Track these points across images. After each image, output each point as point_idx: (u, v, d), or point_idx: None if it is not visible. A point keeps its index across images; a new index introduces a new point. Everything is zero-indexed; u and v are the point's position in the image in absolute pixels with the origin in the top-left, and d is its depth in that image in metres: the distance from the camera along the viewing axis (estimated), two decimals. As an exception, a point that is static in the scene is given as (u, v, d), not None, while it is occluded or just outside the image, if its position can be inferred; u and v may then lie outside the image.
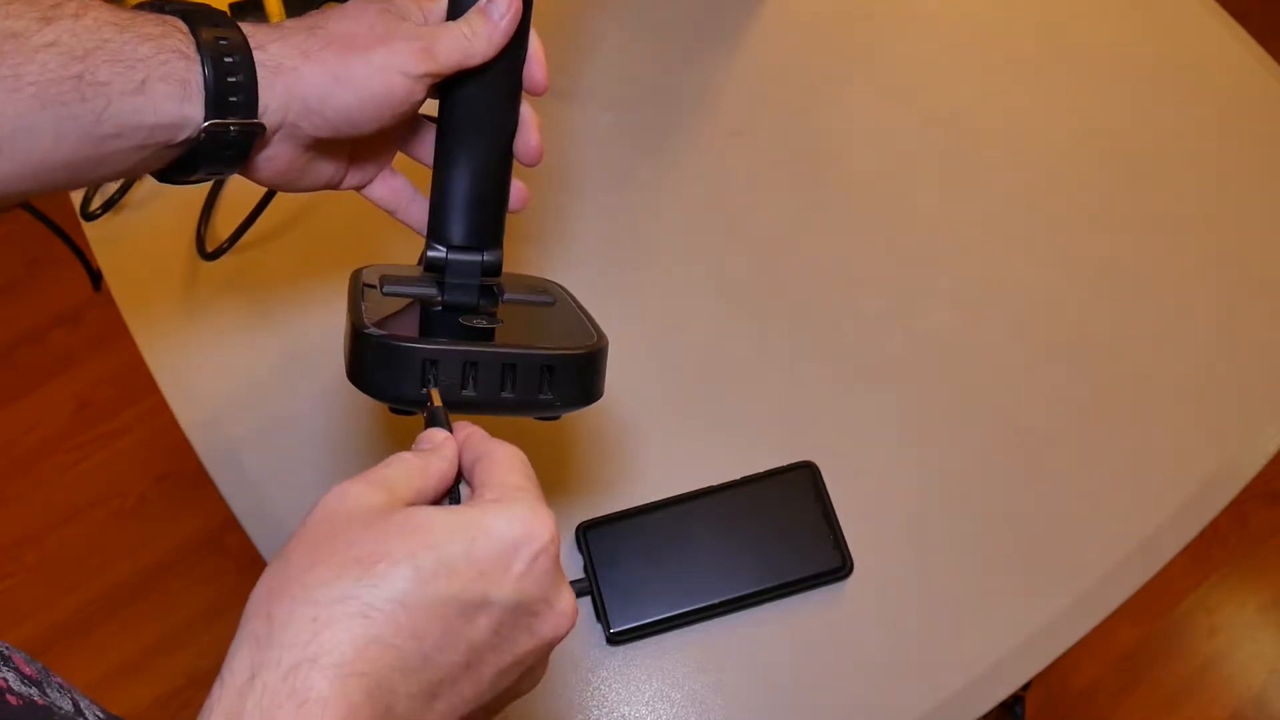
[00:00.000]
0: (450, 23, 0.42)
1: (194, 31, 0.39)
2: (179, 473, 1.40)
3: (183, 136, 0.39)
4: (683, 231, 0.71)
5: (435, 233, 0.47)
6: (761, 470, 0.62)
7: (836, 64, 0.78)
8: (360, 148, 0.47)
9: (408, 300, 0.45)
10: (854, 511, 0.61)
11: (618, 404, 0.65)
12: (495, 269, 0.47)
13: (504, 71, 0.43)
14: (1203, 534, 0.62)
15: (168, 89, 0.37)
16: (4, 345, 1.50)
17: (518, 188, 0.48)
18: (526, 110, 0.46)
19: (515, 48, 0.43)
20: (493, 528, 0.32)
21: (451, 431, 0.37)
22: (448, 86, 0.45)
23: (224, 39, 0.39)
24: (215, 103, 0.38)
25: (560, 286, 0.51)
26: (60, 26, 0.36)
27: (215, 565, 1.34)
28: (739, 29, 0.79)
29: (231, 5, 0.72)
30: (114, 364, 1.48)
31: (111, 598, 1.34)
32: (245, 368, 0.65)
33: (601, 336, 0.43)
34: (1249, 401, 0.66)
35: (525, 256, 0.69)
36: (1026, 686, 0.65)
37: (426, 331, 0.43)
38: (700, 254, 0.70)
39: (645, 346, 0.67)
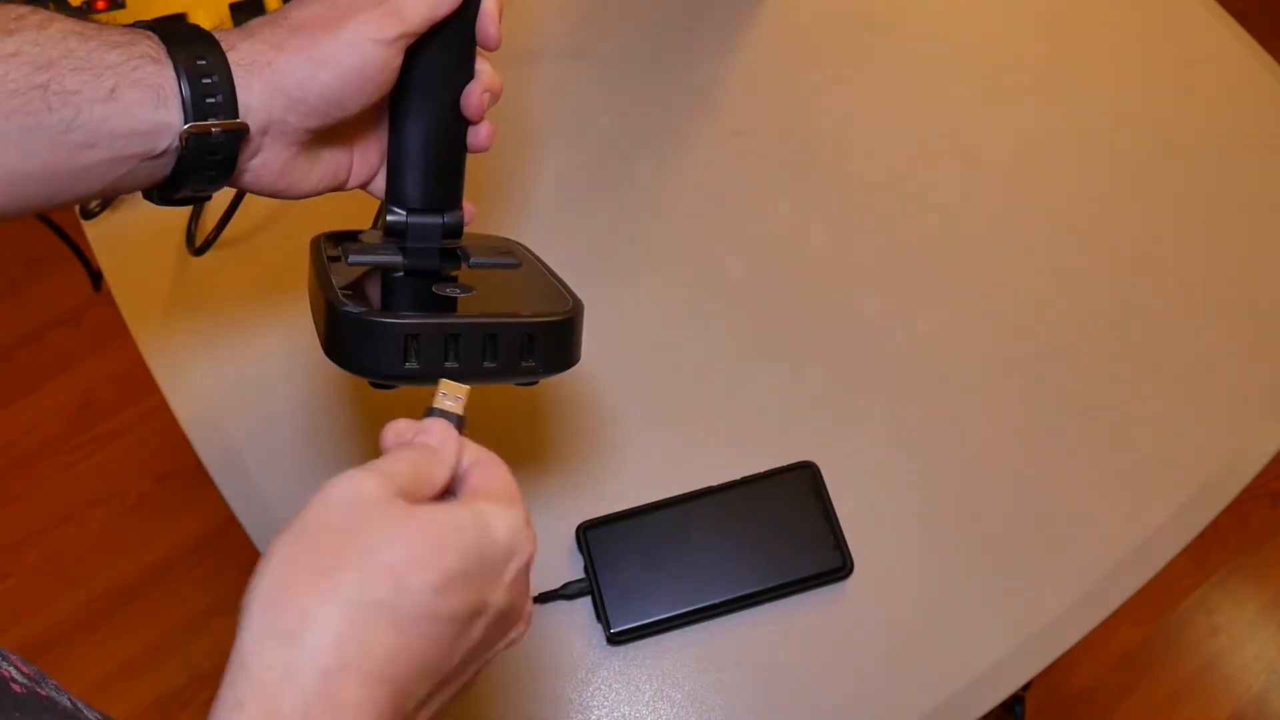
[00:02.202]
0: None
1: (163, 38, 0.38)
2: (179, 473, 1.40)
3: (163, 146, 0.38)
4: (683, 231, 0.71)
5: (394, 196, 0.46)
6: (761, 470, 0.62)
7: (836, 64, 0.78)
8: (356, 134, 0.46)
9: (373, 269, 0.44)
10: (854, 511, 0.61)
11: (618, 403, 0.65)
12: (456, 230, 0.47)
13: (458, 28, 0.43)
14: (1203, 534, 0.62)
15: (139, 95, 0.37)
16: (4, 345, 1.50)
17: (482, 128, 0.47)
18: (484, 68, 0.45)
19: (468, 1, 0.43)
20: (495, 531, 0.33)
21: (460, 430, 0.37)
22: None
23: (194, 43, 0.38)
24: (193, 106, 0.37)
25: (523, 246, 0.50)
26: (22, 37, 0.35)
27: (215, 565, 1.34)
28: (739, 29, 0.79)
29: (231, 5, 0.72)
30: (114, 364, 1.48)
31: (111, 598, 1.34)
32: (245, 367, 0.65)
33: (576, 299, 0.43)
34: (1249, 401, 0.66)
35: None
36: (1026, 686, 0.65)
37: (400, 303, 0.43)
38: (700, 254, 0.70)
39: (645, 346, 0.67)
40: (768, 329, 0.68)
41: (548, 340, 0.40)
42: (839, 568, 0.59)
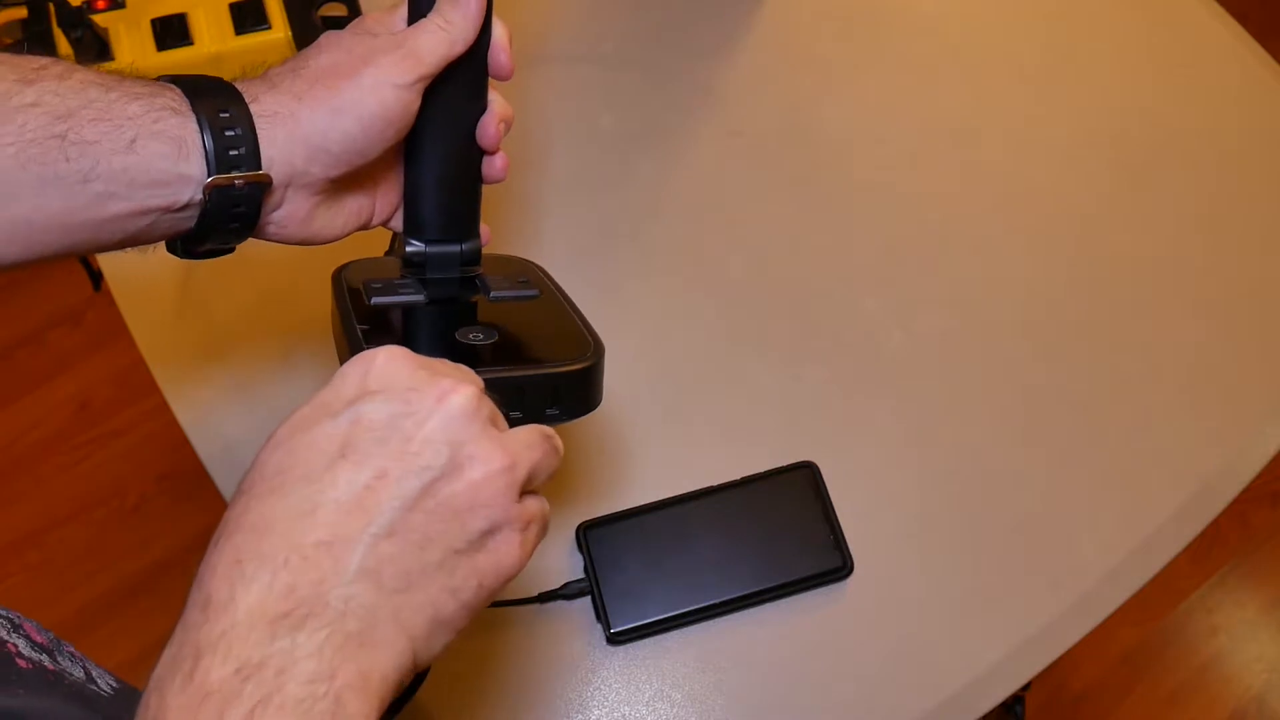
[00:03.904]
0: (423, 21, 0.41)
1: (185, 91, 0.38)
2: (179, 473, 1.40)
3: (185, 198, 0.38)
4: (683, 231, 0.71)
5: (412, 228, 0.47)
6: (761, 470, 0.62)
7: (836, 64, 0.78)
8: (378, 175, 0.46)
9: (399, 307, 0.45)
10: (854, 511, 0.61)
11: (618, 404, 0.65)
12: (474, 258, 0.47)
13: (472, 62, 0.43)
14: (1203, 534, 0.62)
15: (161, 147, 0.37)
16: (4, 345, 1.50)
17: (497, 158, 0.47)
18: (495, 98, 0.46)
19: (481, 34, 0.43)
20: (336, 377, 0.34)
21: None
22: None
23: (218, 95, 0.38)
24: (216, 159, 0.37)
25: (539, 268, 0.50)
26: (42, 87, 0.35)
27: (215, 565, 1.34)
28: (739, 29, 0.79)
29: (231, 6, 0.72)
30: (114, 364, 1.48)
31: (111, 598, 1.34)
32: (245, 367, 0.65)
33: (597, 342, 0.43)
34: (1249, 401, 0.66)
35: (523, 256, 0.69)
36: (1026, 686, 0.64)
37: (424, 354, 0.43)
38: (700, 254, 0.70)
39: (645, 346, 0.67)
40: (768, 329, 0.68)
41: (572, 389, 0.41)
42: (839, 568, 0.59)
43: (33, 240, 0.37)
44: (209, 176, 0.37)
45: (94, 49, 0.70)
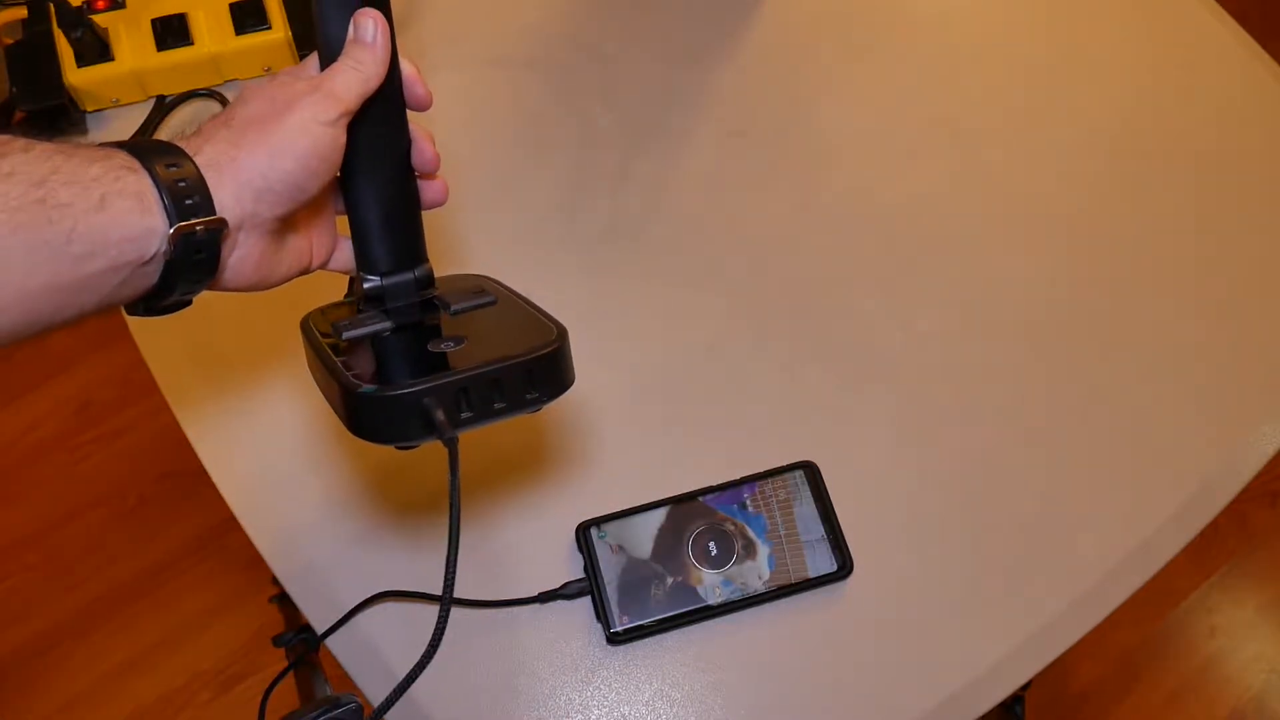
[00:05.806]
0: (336, 64, 0.45)
1: (132, 151, 0.41)
2: (179, 473, 1.40)
3: (152, 250, 0.40)
4: (683, 231, 0.71)
5: (364, 265, 0.49)
6: (761, 470, 0.62)
7: (836, 64, 0.78)
8: (311, 220, 0.49)
9: (369, 337, 0.47)
10: (854, 511, 0.61)
11: (618, 403, 0.65)
12: (428, 281, 0.49)
13: (387, 97, 0.46)
14: (1203, 534, 0.62)
15: (127, 203, 0.39)
16: (4, 345, 1.50)
17: (437, 184, 0.50)
18: (418, 129, 0.48)
19: (391, 70, 0.46)
20: None
21: None
22: None
23: (164, 154, 0.41)
24: (175, 209, 0.40)
25: (490, 279, 0.52)
26: (13, 159, 0.37)
27: (215, 565, 1.34)
28: (739, 29, 0.79)
29: (231, 6, 0.72)
30: (114, 364, 1.48)
31: (111, 598, 1.33)
32: (245, 367, 0.65)
33: (559, 325, 0.45)
34: (1249, 401, 0.66)
35: (524, 257, 0.69)
36: (1026, 686, 0.65)
37: (406, 370, 0.46)
38: (700, 254, 0.70)
39: (645, 346, 0.67)
40: (767, 328, 0.68)
41: (545, 370, 0.43)
42: (839, 568, 0.59)
43: (26, 308, 0.38)
44: (171, 226, 0.40)
45: (94, 49, 0.70)
